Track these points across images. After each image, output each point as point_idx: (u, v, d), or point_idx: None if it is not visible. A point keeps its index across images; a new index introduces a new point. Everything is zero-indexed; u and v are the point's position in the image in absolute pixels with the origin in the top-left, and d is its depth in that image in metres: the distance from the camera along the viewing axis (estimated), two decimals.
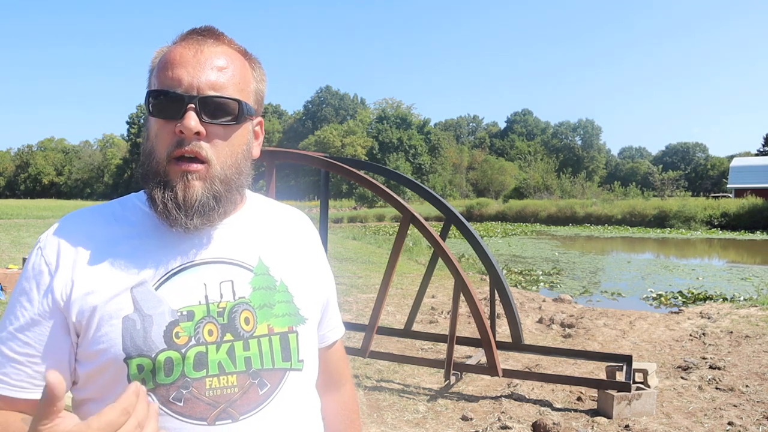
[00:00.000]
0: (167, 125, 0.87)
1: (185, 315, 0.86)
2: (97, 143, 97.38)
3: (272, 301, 0.93)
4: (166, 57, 0.89)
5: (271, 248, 0.98)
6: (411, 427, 3.95)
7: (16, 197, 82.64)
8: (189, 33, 0.92)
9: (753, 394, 4.65)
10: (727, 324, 7.16)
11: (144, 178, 0.89)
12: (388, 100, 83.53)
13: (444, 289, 9.37)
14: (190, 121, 0.84)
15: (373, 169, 5.55)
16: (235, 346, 0.88)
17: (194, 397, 0.84)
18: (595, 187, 56.32)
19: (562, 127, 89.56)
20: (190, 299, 0.87)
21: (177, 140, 0.86)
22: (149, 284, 0.86)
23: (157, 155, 0.87)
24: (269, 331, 0.91)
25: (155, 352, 0.83)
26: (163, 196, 0.86)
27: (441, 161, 71.96)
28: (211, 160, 0.87)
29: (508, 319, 4.71)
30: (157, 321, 0.84)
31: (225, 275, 0.90)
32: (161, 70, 0.88)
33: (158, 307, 0.85)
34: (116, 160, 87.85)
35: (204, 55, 0.88)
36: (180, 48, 0.89)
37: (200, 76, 0.86)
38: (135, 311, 0.84)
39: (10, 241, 16.33)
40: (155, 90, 0.88)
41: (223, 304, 0.88)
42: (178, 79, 0.86)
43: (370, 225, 33.46)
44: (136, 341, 0.83)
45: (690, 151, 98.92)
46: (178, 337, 0.85)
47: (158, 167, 0.87)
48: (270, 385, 0.89)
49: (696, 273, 13.07)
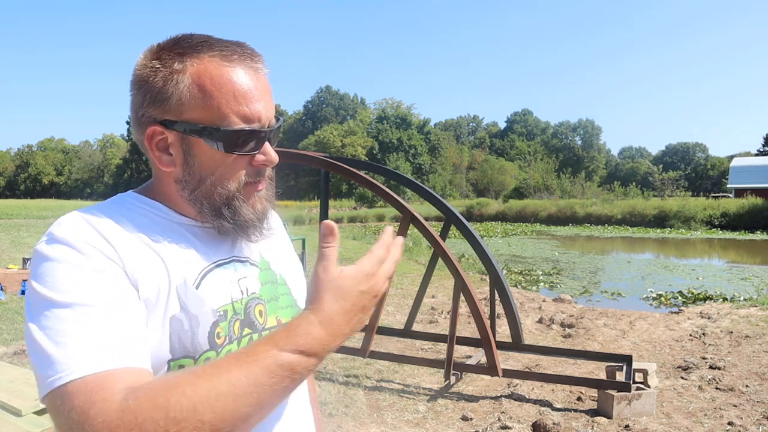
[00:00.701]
0: (242, 157, 0.88)
1: (223, 314, 0.87)
2: (97, 143, 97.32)
3: (277, 294, 0.97)
4: (232, 83, 0.83)
5: (266, 244, 1.01)
6: (411, 427, 3.95)
7: (16, 197, 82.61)
8: (238, 52, 0.86)
9: (753, 394, 4.65)
10: (727, 324, 7.16)
11: (206, 201, 0.88)
12: (388, 100, 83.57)
13: (444, 289, 9.37)
14: (272, 154, 0.89)
15: (373, 169, 5.55)
16: (254, 338, 0.90)
17: None
18: (595, 187, 56.34)
19: (562, 127, 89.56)
20: (224, 298, 0.88)
21: (256, 171, 0.89)
22: (190, 283, 0.84)
23: (230, 183, 0.88)
24: (278, 322, 0.95)
25: (199, 353, 0.82)
26: (248, 213, 0.90)
27: (441, 161, 71.97)
28: (267, 179, 0.94)
29: (508, 319, 4.71)
30: (203, 321, 0.84)
31: (241, 273, 0.93)
32: (232, 100, 0.83)
33: (202, 306, 0.84)
34: (116, 160, 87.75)
35: (261, 81, 0.87)
36: (242, 72, 0.85)
37: (270, 109, 0.88)
38: (182, 311, 0.82)
39: (10, 241, 16.33)
40: (239, 130, 0.84)
41: (243, 300, 0.91)
42: (258, 116, 0.85)
43: (370, 225, 33.46)
44: (183, 343, 0.81)
45: (690, 151, 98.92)
46: (219, 337, 0.85)
47: (230, 194, 0.88)
48: None
49: (696, 273, 13.07)
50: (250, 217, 0.90)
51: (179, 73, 0.83)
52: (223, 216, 0.88)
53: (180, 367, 0.82)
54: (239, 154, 0.86)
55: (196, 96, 0.83)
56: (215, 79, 0.83)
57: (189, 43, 0.85)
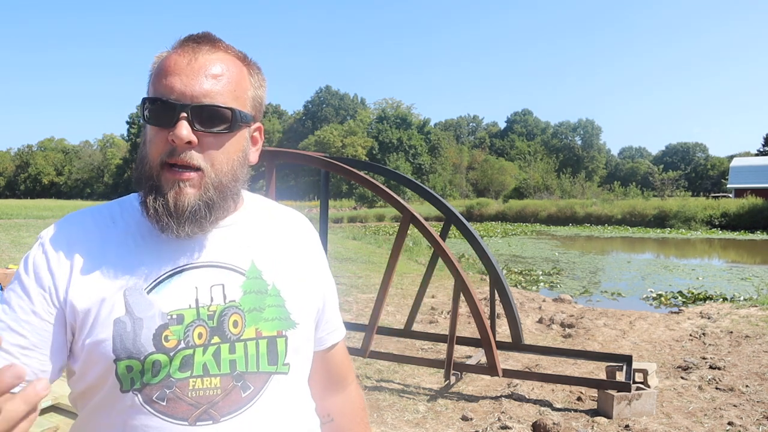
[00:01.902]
0: (161, 132, 0.87)
1: (175, 318, 0.87)
2: (97, 143, 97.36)
3: (263, 305, 0.93)
4: (162, 64, 0.89)
5: (265, 252, 0.98)
6: (411, 427, 3.95)
7: (16, 197, 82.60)
8: (185, 40, 0.91)
9: (753, 394, 4.65)
10: (727, 324, 7.16)
11: (137, 182, 0.91)
12: (388, 100, 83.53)
13: (444, 289, 9.37)
14: (182, 130, 0.84)
15: (373, 169, 5.55)
16: (222, 348, 0.88)
17: (177, 397, 0.85)
18: (595, 187, 56.33)
19: (562, 127, 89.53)
20: (180, 303, 0.88)
21: (170, 148, 0.86)
22: (142, 287, 0.87)
23: (150, 161, 0.88)
24: (257, 334, 0.91)
25: (144, 355, 0.85)
26: (155, 202, 0.86)
27: (441, 161, 71.96)
28: (205, 168, 0.88)
29: (508, 319, 4.71)
30: (147, 324, 0.85)
31: (216, 279, 0.91)
32: (156, 77, 0.89)
33: (149, 310, 0.86)
34: (116, 160, 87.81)
35: (198, 62, 0.88)
36: (175, 55, 0.89)
37: (193, 85, 0.86)
38: (126, 314, 0.86)
39: (10, 241, 16.32)
40: (149, 98, 0.88)
41: (214, 307, 0.89)
42: (170, 87, 0.86)
43: (370, 225, 33.45)
44: (125, 343, 0.85)
45: (690, 151, 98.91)
46: (167, 340, 0.86)
47: (151, 172, 0.88)
48: (253, 388, 0.90)
49: (696, 273, 13.07)
50: (155, 206, 0.86)
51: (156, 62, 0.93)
52: (146, 202, 0.88)
53: (128, 367, 0.85)
54: (153, 125, 0.87)
55: (148, 85, 0.92)
56: (161, 61, 0.91)
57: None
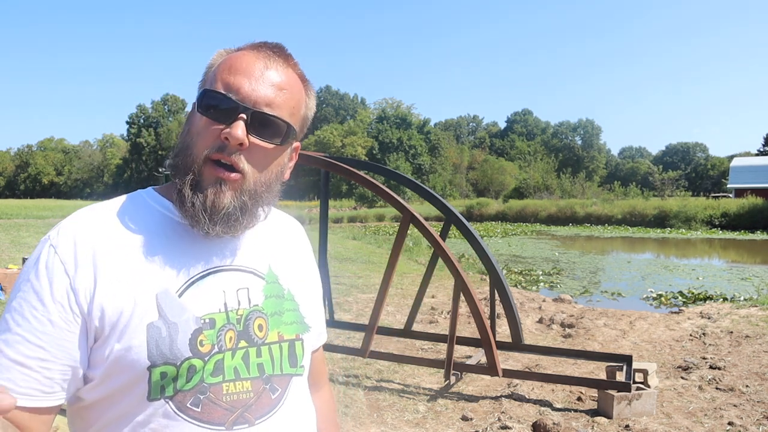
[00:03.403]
0: (213, 127, 0.86)
1: (208, 323, 0.86)
2: (96, 143, 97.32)
3: (282, 309, 0.95)
4: (233, 61, 0.89)
5: (279, 257, 1.00)
6: (411, 427, 3.95)
7: (16, 197, 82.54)
8: (261, 45, 0.92)
9: (753, 394, 4.65)
10: (727, 324, 7.16)
11: (174, 169, 0.88)
12: (388, 100, 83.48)
13: (444, 289, 9.37)
14: (238, 130, 0.84)
15: (373, 169, 5.55)
16: (250, 352, 0.89)
17: (212, 402, 0.85)
18: (595, 187, 56.33)
19: (562, 127, 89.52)
20: (211, 307, 0.87)
21: (219, 145, 0.85)
22: (173, 290, 0.85)
23: (195, 152, 0.86)
24: (279, 338, 0.93)
25: (180, 360, 0.83)
26: (194, 195, 0.85)
27: (441, 161, 71.95)
28: (247, 173, 0.87)
29: (508, 319, 4.70)
30: (183, 329, 0.84)
31: (241, 283, 0.91)
32: (224, 71, 0.88)
33: (183, 314, 0.84)
34: (116, 160, 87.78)
35: (269, 70, 0.88)
36: (249, 56, 0.89)
37: (260, 90, 0.86)
38: (160, 318, 0.83)
39: (9, 241, 16.32)
40: (212, 90, 0.86)
41: (240, 311, 0.90)
42: (237, 87, 0.86)
43: (370, 225, 33.46)
44: (162, 349, 0.82)
45: (690, 151, 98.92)
46: (202, 345, 0.85)
47: (193, 165, 0.86)
48: (280, 390, 0.92)
49: (696, 273, 13.07)
50: (195, 200, 0.85)
51: (221, 57, 0.93)
52: (183, 194, 0.85)
53: (162, 374, 0.82)
54: (208, 118, 0.86)
55: (212, 73, 0.91)
56: (230, 58, 0.90)
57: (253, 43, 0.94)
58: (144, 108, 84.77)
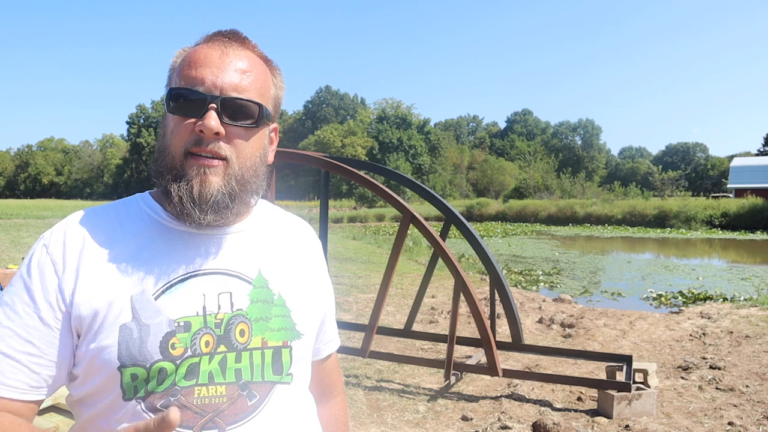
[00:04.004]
0: (185, 122, 0.86)
1: (182, 326, 0.85)
2: (96, 143, 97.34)
3: (269, 314, 0.92)
4: (191, 56, 0.89)
5: (272, 261, 0.97)
6: (411, 427, 3.95)
7: (16, 197, 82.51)
8: (214, 35, 0.92)
9: (753, 394, 4.65)
10: (727, 324, 7.16)
11: (157, 174, 0.89)
12: (388, 100, 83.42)
13: (444, 289, 9.37)
14: (211, 120, 0.84)
15: (373, 169, 5.55)
16: (228, 357, 0.88)
17: (182, 405, 0.84)
18: (595, 187, 56.33)
19: (562, 127, 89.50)
20: (188, 310, 0.86)
21: (196, 138, 0.86)
22: (149, 293, 0.85)
23: (173, 150, 0.87)
24: (263, 344, 0.91)
25: (150, 363, 0.83)
26: (179, 190, 0.85)
27: (441, 161, 71.96)
28: (230, 158, 0.87)
29: (508, 319, 4.70)
30: (154, 331, 0.84)
31: (224, 287, 0.90)
32: (185, 68, 0.88)
33: (156, 317, 0.84)
34: (116, 160, 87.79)
35: (229, 57, 0.88)
36: (205, 48, 0.89)
37: (224, 77, 0.87)
38: (133, 320, 0.84)
39: (9, 241, 16.32)
40: (177, 88, 0.87)
41: (221, 315, 0.88)
42: (201, 79, 0.86)
43: (370, 225, 33.46)
44: (131, 351, 0.83)
45: (690, 151, 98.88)
46: (174, 348, 0.84)
47: (173, 162, 0.86)
48: (258, 397, 0.89)
49: (696, 273, 13.07)
50: (182, 193, 0.85)
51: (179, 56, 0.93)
52: (169, 191, 0.86)
53: (132, 375, 0.83)
54: (179, 116, 0.86)
55: (174, 72, 0.92)
56: (188, 54, 0.90)
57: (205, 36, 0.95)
58: (144, 108, 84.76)
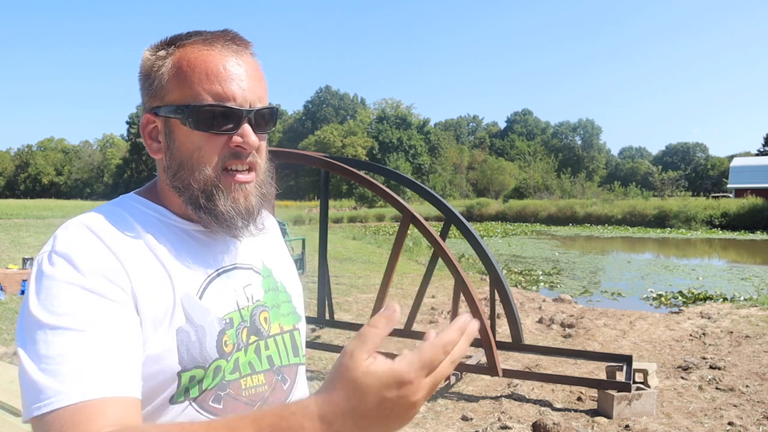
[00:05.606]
0: (216, 138, 0.84)
1: (228, 322, 0.87)
2: (97, 143, 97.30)
3: (278, 301, 0.98)
4: (206, 66, 0.84)
5: (268, 252, 1.02)
6: (411, 427, 3.95)
7: (16, 197, 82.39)
8: (215, 38, 0.86)
9: (753, 394, 4.65)
10: (727, 324, 7.16)
11: (184, 188, 0.86)
12: (388, 100, 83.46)
13: (444, 289, 9.37)
14: (251, 137, 0.85)
15: (373, 169, 5.55)
16: (260, 345, 0.91)
17: (232, 398, 0.85)
18: (595, 187, 56.36)
19: (562, 127, 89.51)
20: (228, 306, 0.88)
21: (232, 152, 0.85)
22: (193, 293, 0.84)
23: (206, 167, 0.85)
24: (280, 329, 0.96)
25: (209, 363, 0.83)
26: (224, 205, 0.85)
27: (441, 161, 71.97)
28: (258, 169, 0.90)
29: (508, 319, 4.70)
30: (209, 331, 0.84)
31: (246, 280, 0.93)
32: (203, 80, 0.83)
33: (206, 316, 0.84)
34: (116, 160, 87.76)
35: (244, 66, 0.87)
36: (216, 56, 0.85)
37: (250, 89, 0.86)
38: (187, 322, 0.82)
39: (10, 241, 16.31)
40: (211, 105, 0.83)
41: (250, 307, 0.91)
42: (231, 94, 0.84)
43: (370, 225, 33.46)
44: (192, 354, 0.81)
45: (690, 151, 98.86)
46: (226, 345, 0.85)
47: (208, 176, 0.85)
48: (290, 380, 0.95)
49: (696, 273, 13.07)
50: (227, 209, 0.85)
51: (163, 59, 0.86)
52: (201, 207, 0.85)
53: (191, 378, 0.81)
54: (211, 132, 0.84)
55: (173, 79, 0.85)
56: (191, 61, 0.84)
57: (179, 35, 0.88)
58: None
